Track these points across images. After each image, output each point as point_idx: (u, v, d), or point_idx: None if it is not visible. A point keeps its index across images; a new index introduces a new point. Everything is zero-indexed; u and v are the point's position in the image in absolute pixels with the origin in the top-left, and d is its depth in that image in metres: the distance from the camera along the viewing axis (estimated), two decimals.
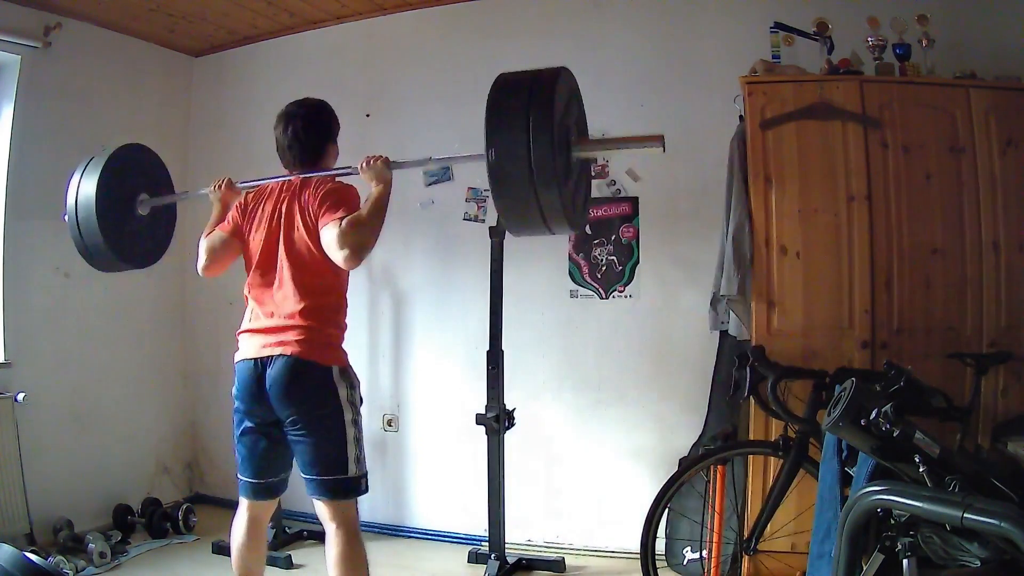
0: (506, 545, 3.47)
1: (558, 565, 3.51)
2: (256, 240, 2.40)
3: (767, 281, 3.05)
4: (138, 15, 4.03)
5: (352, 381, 2.36)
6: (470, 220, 3.99)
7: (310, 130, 2.45)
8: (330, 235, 2.21)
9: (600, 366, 3.79)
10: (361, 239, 2.21)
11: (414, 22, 4.15)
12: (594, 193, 3.80)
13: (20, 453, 3.55)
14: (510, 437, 3.46)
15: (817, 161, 3.04)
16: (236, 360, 2.38)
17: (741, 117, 3.20)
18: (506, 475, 3.44)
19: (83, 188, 2.56)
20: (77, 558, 3.44)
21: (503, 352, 3.47)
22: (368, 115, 4.19)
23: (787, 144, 3.05)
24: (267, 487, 2.45)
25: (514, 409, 3.48)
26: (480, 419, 3.40)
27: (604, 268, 3.79)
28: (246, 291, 2.44)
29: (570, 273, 3.84)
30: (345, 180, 2.45)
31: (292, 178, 2.43)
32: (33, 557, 2.67)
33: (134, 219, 2.71)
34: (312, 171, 2.43)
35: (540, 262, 3.83)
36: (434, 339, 4.08)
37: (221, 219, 2.52)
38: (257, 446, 2.40)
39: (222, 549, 3.58)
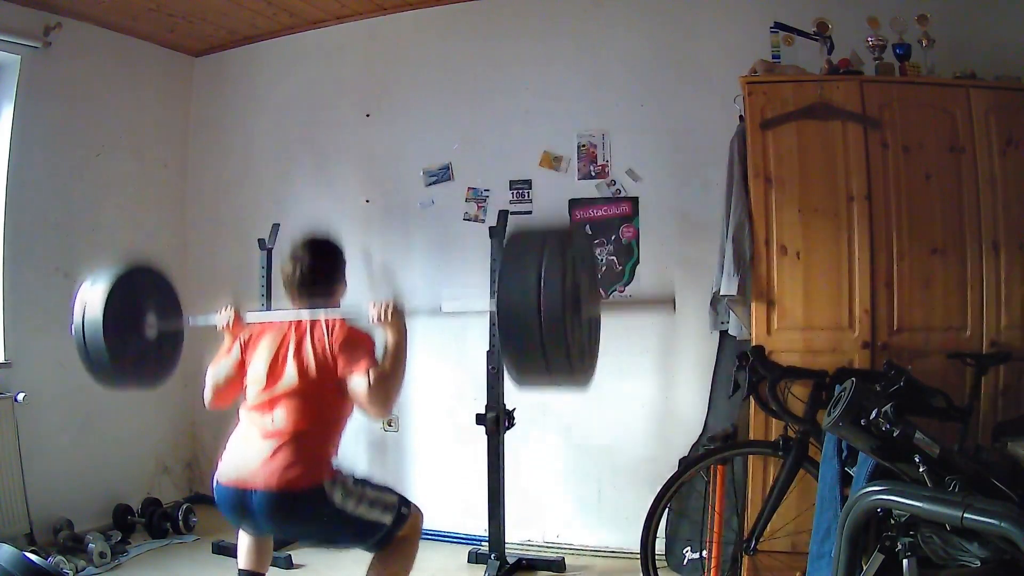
0: (506, 545, 3.47)
1: (558, 565, 3.51)
2: (257, 369, 2.36)
3: (767, 281, 3.05)
4: (138, 15, 4.03)
5: (344, 481, 2.30)
6: (470, 220, 3.98)
7: (319, 271, 2.42)
8: (359, 388, 2.24)
9: (600, 366, 3.76)
10: (389, 393, 2.28)
11: (414, 22, 4.15)
12: (594, 193, 3.81)
13: (20, 453, 3.55)
14: (510, 437, 3.46)
15: (817, 161, 3.04)
16: (216, 480, 2.30)
17: (741, 117, 3.19)
18: (506, 475, 3.45)
19: (89, 310, 2.46)
20: (77, 558, 3.44)
21: None
22: (368, 115, 4.19)
23: (787, 144, 3.05)
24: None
25: (514, 409, 3.48)
26: (480, 419, 3.41)
27: (604, 268, 3.78)
28: (241, 409, 2.39)
29: None
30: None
31: (301, 317, 2.38)
32: (33, 557, 2.68)
33: (141, 342, 2.55)
34: (321, 309, 2.38)
35: None
36: (434, 339, 4.07)
37: (229, 349, 2.48)
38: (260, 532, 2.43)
39: (222, 549, 3.58)
